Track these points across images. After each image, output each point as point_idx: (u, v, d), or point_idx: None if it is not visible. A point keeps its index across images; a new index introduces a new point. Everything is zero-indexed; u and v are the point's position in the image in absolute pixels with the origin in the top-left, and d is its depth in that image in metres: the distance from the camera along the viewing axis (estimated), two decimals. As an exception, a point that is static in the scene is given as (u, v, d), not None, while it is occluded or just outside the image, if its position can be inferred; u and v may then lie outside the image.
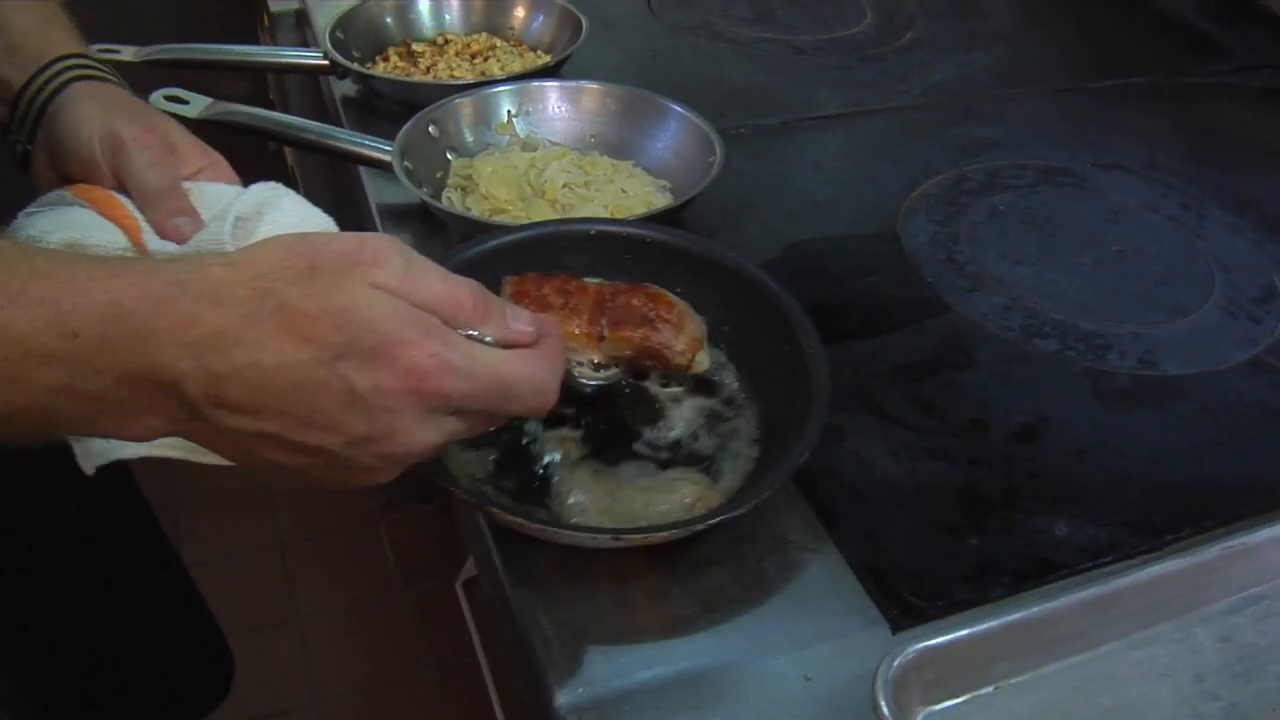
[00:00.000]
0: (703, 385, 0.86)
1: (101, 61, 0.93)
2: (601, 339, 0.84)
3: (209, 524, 2.45)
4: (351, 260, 0.55)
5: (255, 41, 2.11)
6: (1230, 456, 0.88)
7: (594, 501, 0.77)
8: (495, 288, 0.84)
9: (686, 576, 0.74)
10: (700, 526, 0.71)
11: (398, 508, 2.41)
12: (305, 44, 1.64)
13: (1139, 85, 1.47)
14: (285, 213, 0.78)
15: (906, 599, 0.73)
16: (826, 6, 1.67)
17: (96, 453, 0.82)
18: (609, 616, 0.72)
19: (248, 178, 0.85)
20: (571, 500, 0.77)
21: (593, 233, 0.91)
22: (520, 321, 0.62)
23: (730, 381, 0.86)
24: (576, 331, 0.83)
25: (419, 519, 2.42)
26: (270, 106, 1.92)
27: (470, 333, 0.60)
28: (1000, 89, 1.44)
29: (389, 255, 0.57)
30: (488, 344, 0.60)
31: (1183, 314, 1.03)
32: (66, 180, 0.88)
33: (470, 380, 0.57)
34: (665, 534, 0.71)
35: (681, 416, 0.83)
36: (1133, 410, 0.92)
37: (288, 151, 2.22)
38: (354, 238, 0.57)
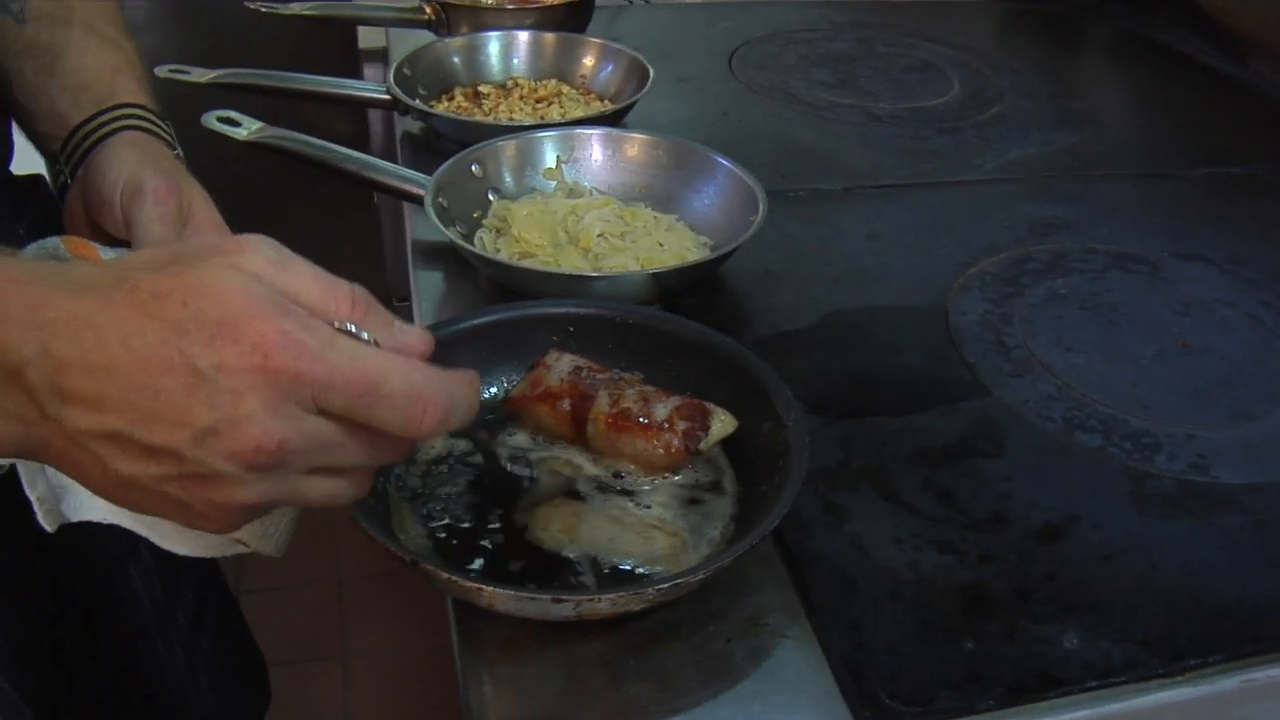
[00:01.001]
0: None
1: (162, 121, 0.94)
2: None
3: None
4: (216, 248, 0.51)
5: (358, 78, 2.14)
6: None
7: (558, 519, 0.74)
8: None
9: (642, 649, 0.69)
10: (650, 592, 0.65)
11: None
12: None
13: (1236, 175, 1.38)
14: None
15: (882, 701, 0.66)
16: (914, 76, 1.62)
17: (62, 511, 0.80)
18: (552, 686, 0.67)
19: (336, 216, 0.86)
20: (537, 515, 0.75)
21: (570, 315, 0.88)
22: (410, 335, 0.56)
23: (706, 463, 0.82)
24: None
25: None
26: (366, 146, 1.93)
27: (346, 327, 0.53)
28: (1081, 170, 1.36)
29: (257, 244, 0.52)
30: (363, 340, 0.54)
31: (1247, 419, 0.94)
32: (90, 215, 0.89)
33: (325, 365, 0.50)
34: (611, 600, 0.65)
35: (654, 498, 0.78)
36: (1174, 518, 0.83)
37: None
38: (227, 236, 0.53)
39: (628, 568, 0.73)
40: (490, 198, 1.14)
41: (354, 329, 0.53)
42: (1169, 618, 0.74)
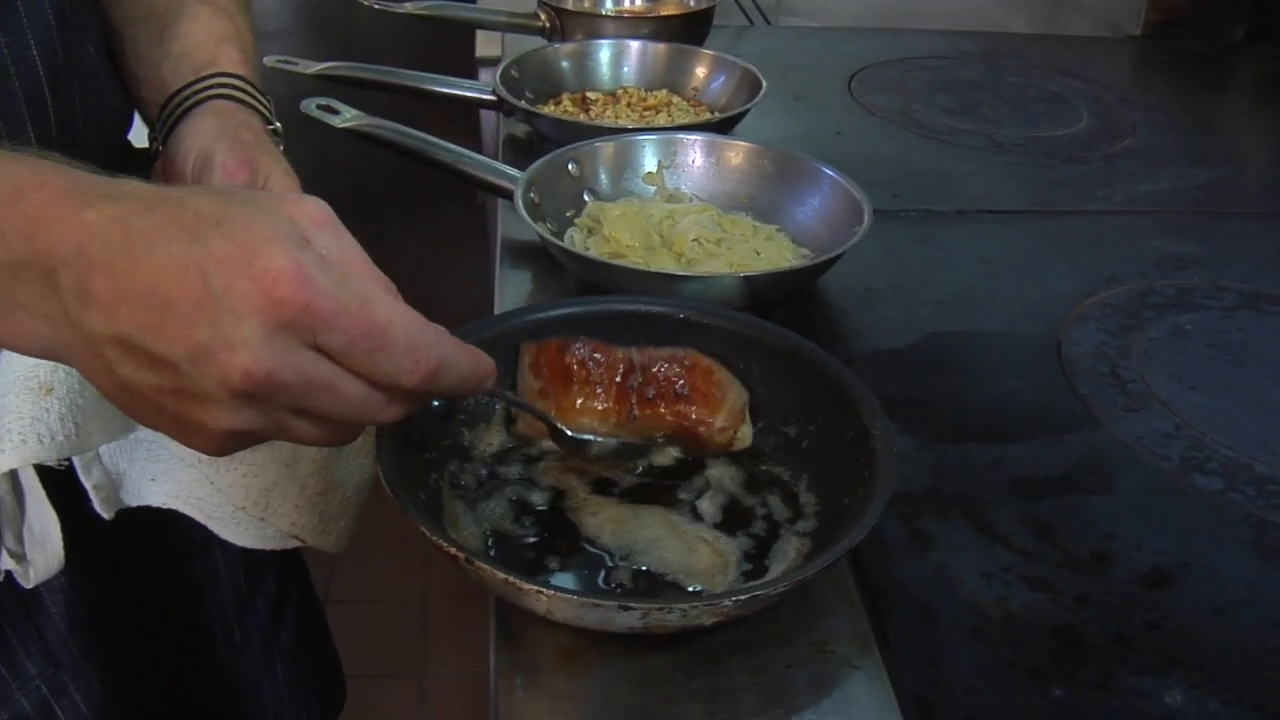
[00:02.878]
0: (751, 483, 0.76)
1: (260, 94, 0.93)
2: (631, 419, 0.77)
3: (360, 564, 2.44)
4: (276, 197, 0.53)
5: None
6: None
7: (611, 509, 0.71)
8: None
9: (695, 665, 0.63)
10: (727, 604, 0.60)
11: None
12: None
13: (1385, 223, 1.29)
14: None
15: (954, 745, 0.60)
16: (1040, 106, 1.55)
17: (120, 498, 0.78)
18: (593, 701, 0.62)
19: (447, 211, 0.84)
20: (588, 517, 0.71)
21: (640, 312, 0.83)
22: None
23: (783, 473, 0.76)
24: (600, 408, 0.77)
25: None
26: (478, 146, 1.92)
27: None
28: (1215, 207, 1.28)
29: (314, 202, 0.53)
30: None
31: (1387, 474, 0.86)
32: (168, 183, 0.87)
33: (333, 302, 0.49)
34: (682, 611, 0.59)
35: (706, 508, 0.74)
36: (1300, 573, 0.76)
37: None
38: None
39: (658, 573, 0.68)
40: (585, 198, 1.11)
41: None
42: (1288, 681, 0.67)
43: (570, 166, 1.11)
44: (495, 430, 0.79)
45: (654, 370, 0.76)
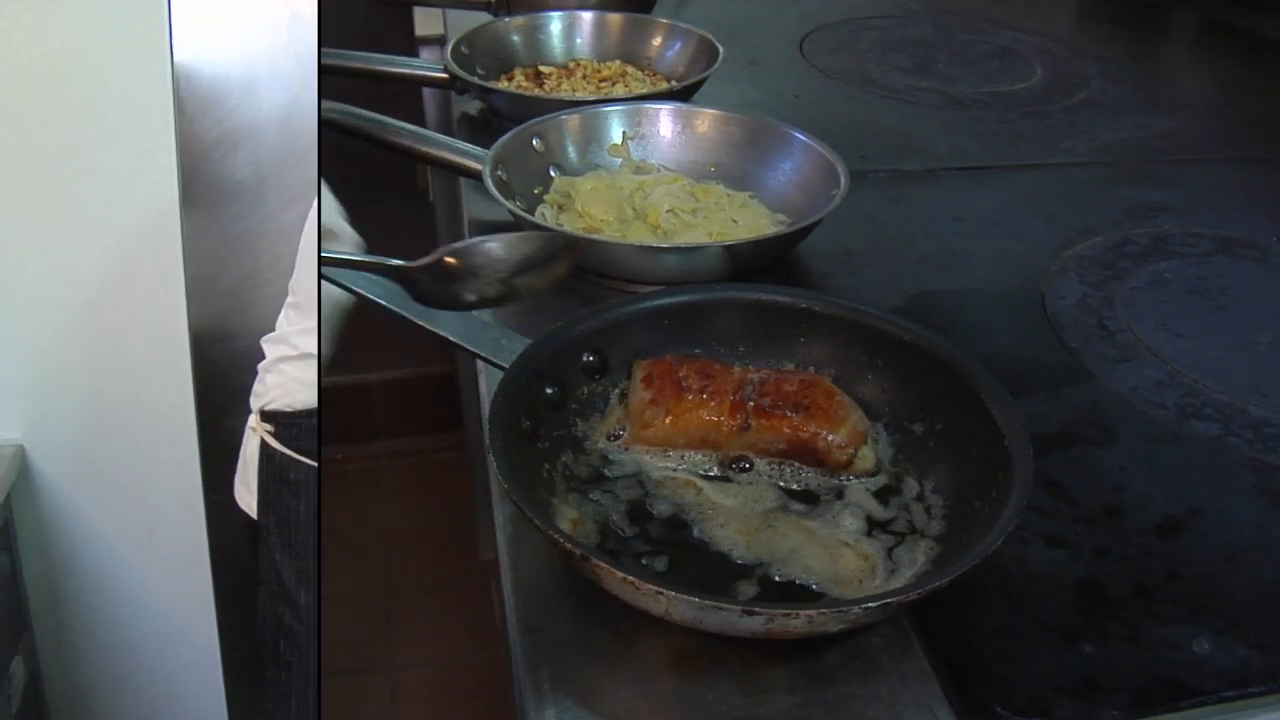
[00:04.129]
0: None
1: None
2: (745, 428, 0.73)
3: (324, 559, 2.40)
4: None
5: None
6: None
7: (739, 520, 0.68)
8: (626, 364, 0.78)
9: (722, 644, 0.61)
10: (856, 611, 0.58)
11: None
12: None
13: (1342, 162, 1.30)
14: None
15: (993, 709, 0.59)
16: (993, 62, 1.55)
17: None
18: (619, 690, 0.60)
19: (387, 203, 0.80)
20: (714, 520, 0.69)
21: (760, 301, 0.80)
22: None
23: (908, 472, 0.74)
24: (715, 419, 0.73)
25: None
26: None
27: None
28: (1178, 154, 1.28)
29: None
30: None
31: (1378, 410, 0.86)
32: None
33: None
34: (809, 617, 0.57)
35: (843, 518, 0.71)
36: (1307, 514, 0.76)
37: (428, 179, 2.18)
38: None
39: (803, 583, 0.65)
40: (552, 174, 1.08)
41: None
42: (1312, 622, 0.66)
43: (535, 141, 1.08)
44: (610, 420, 0.77)
45: (772, 384, 0.74)
